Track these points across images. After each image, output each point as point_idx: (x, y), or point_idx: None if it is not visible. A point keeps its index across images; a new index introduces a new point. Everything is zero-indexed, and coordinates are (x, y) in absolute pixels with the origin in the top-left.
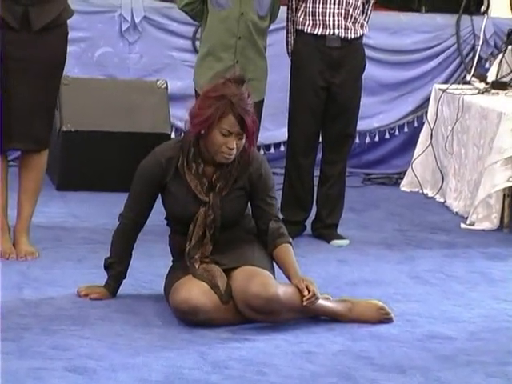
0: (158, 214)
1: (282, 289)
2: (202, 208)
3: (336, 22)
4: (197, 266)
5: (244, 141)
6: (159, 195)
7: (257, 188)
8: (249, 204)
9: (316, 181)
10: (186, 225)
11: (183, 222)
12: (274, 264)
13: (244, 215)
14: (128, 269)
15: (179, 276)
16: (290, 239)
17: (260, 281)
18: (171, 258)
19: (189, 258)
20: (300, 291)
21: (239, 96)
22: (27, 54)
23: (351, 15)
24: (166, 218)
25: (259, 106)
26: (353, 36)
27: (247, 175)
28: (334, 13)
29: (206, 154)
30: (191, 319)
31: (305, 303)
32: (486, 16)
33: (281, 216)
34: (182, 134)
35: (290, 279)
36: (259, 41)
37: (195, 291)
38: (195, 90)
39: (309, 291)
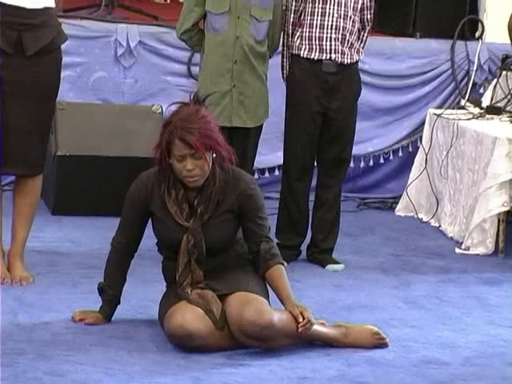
0: (151, 238)
1: (276, 315)
2: (185, 234)
3: (333, 47)
4: (189, 292)
5: (208, 159)
6: (150, 220)
7: (246, 209)
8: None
9: (311, 205)
10: (174, 251)
11: (171, 248)
12: (269, 288)
13: (235, 240)
14: (122, 293)
15: (174, 301)
16: (282, 260)
17: (255, 307)
18: (165, 284)
19: (179, 285)
20: (295, 318)
21: (185, 117)
22: (21, 78)
23: (348, 40)
24: (156, 244)
25: (257, 131)
26: (349, 61)
27: (235, 196)
28: (330, 37)
29: None
30: (186, 344)
31: (300, 330)
32: (480, 41)
33: (275, 240)
34: None
35: (283, 304)
36: (257, 65)
37: (190, 316)
38: None
39: (303, 318)
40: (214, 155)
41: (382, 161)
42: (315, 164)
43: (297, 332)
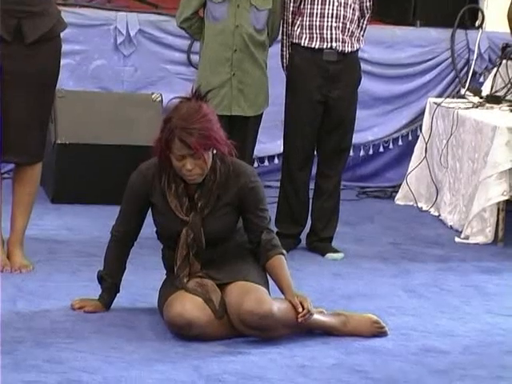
0: (151, 227)
1: (276, 305)
2: (184, 228)
3: (334, 36)
4: (185, 281)
5: (207, 158)
6: (150, 209)
7: (247, 202)
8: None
9: (311, 194)
10: (174, 241)
11: (171, 239)
12: (269, 277)
13: (235, 230)
14: (121, 282)
15: (173, 290)
16: (283, 250)
17: (254, 297)
18: (165, 271)
19: (176, 276)
20: (294, 307)
21: (185, 116)
22: (20, 67)
23: (348, 29)
24: (156, 232)
25: (256, 120)
26: (350, 49)
27: (236, 190)
28: (331, 26)
29: None
30: (185, 333)
31: (299, 320)
32: (480, 30)
33: (275, 229)
34: None
35: (283, 293)
36: (257, 54)
37: (189, 305)
38: None
39: (303, 308)
40: (215, 151)
41: (381, 150)
42: (315, 153)
43: (296, 321)
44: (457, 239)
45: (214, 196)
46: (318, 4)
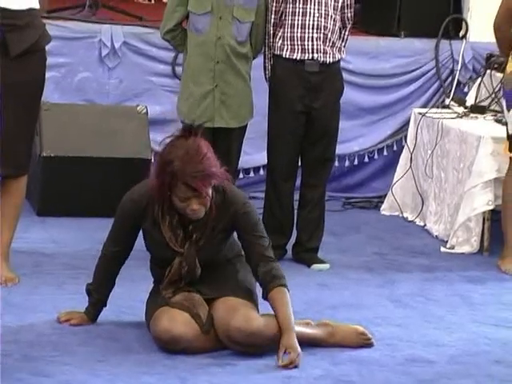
0: (139, 239)
1: (264, 322)
2: (177, 258)
3: (315, 47)
4: (169, 297)
5: (210, 192)
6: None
7: (242, 227)
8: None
9: (296, 205)
10: (166, 263)
11: (162, 263)
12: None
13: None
14: (108, 298)
15: (160, 304)
16: (283, 281)
17: (242, 314)
18: (152, 280)
19: (160, 293)
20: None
21: (187, 159)
22: (5, 79)
23: (329, 39)
24: (145, 245)
25: (240, 132)
26: (331, 60)
27: (229, 218)
28: (312, 37)
29: None
30: (172, 348)
31: (279, 366)
32: (464, 40)
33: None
34: None
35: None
36: (240, 65)
37: (176, 321)
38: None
39: (290, 361)
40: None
41: (366, 160)
42: (299, 163)
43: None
44: (442, 249)
45: (209, 227)
46: (298, 15)
